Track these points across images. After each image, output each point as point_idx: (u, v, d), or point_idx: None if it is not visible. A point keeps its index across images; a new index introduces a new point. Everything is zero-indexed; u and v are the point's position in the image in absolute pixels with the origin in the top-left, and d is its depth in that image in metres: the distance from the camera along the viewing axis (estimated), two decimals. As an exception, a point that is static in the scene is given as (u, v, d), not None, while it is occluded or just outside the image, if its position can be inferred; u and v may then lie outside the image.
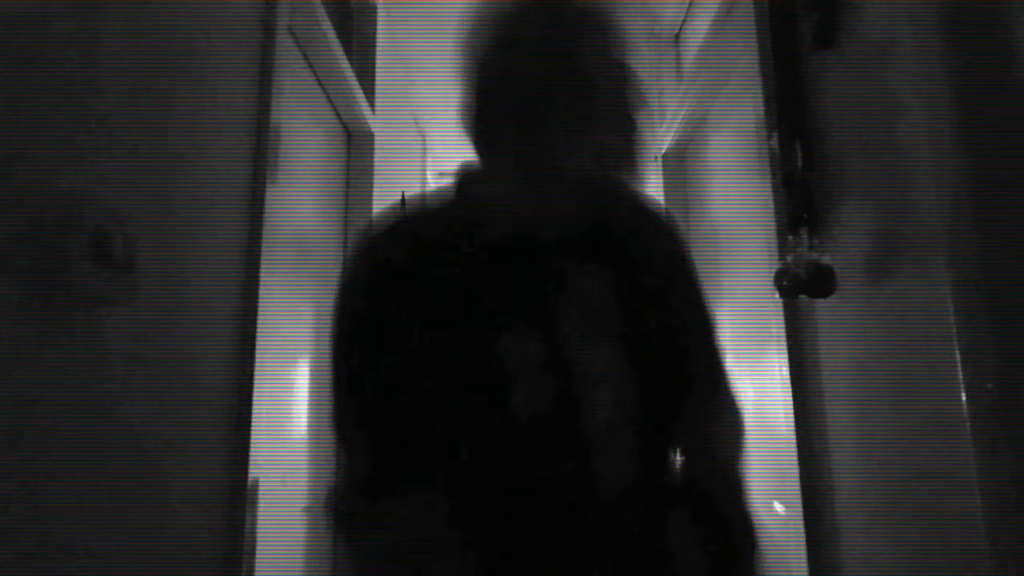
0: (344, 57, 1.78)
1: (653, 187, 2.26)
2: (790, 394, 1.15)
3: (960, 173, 0.73)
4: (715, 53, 1.69)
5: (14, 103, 0.61)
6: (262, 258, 1.15)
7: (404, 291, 0.66)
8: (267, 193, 1.18)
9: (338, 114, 1.93)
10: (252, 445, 1.09)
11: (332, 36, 1.66)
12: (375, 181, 2.06)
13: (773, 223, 1.22)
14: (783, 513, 1.25)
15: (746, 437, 0.79)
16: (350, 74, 1.84)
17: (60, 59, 0.67)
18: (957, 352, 0.72)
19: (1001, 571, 0.66)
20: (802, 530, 1.10)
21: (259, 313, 1.12)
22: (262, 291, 1.14)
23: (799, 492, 1.12)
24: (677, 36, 2.42)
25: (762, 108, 1.26)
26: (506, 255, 0.67)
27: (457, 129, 0.71)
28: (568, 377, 0.66)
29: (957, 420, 0.71)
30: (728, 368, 0.81)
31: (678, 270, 0.79)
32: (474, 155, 0.73)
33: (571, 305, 0.68)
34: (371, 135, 2.07)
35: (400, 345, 0.66)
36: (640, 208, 0.80)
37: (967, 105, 0.74)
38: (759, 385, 1.42)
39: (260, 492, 1.11)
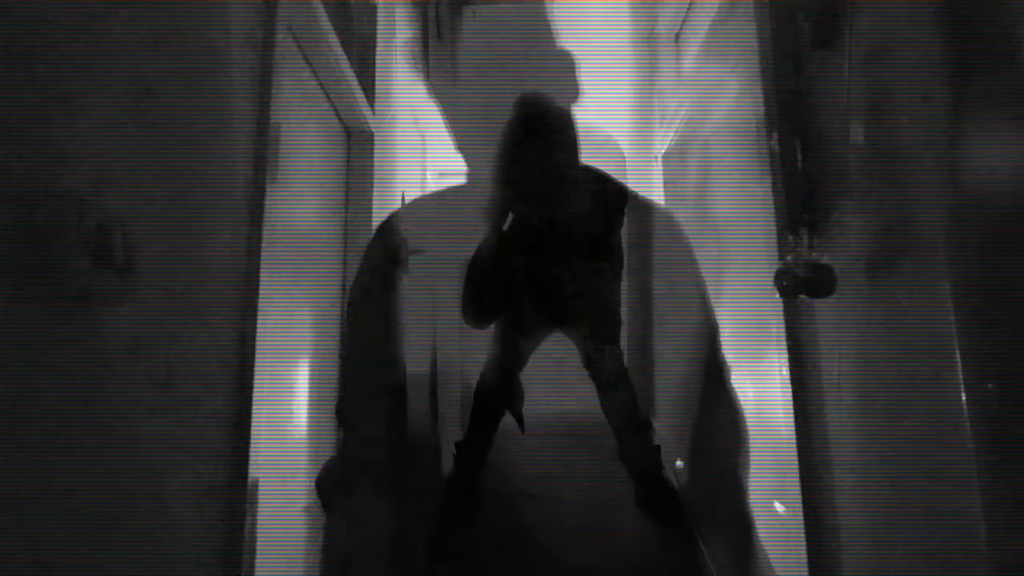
0: (344, 57, 1.78)
1: (653, 187, 2.26)
2: (790, 394, 1.15)
3: (960, 173, 0.73)
4: (715, 53, 1.69)
5: (14, 103, 0.61)
6: (262, 258, 1.14)
7: (400, 281, 0.67)
8: (267, 193, 1.17)
9: (338, 114, 1.93)
10: (252, 445, 1.08)
11: (332, 36, 1.66)
12: (375, 181, 2.05)
13: (773, 223, 1.22)
14: (783, 513, 1.25)
15: (747, 435, 0.79)
16: (350, 74, 1.84)
17: (60, 59, 0.67)
18: (957, 352, 0.72)
19: (1001, 571, 0.66)
20: (802, 530, 1.10)
21: (259, 313, 1.12)
22: (262, 291, 1.14)
23: (799, 492, 1.12)
24: (677, 36, 2.42)
25: (762, 108, 1.26)
26: (508, 242, 0.68)
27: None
28: (569, 370, 0.66)
29: (957, 420, 0.71)
30: (730, 367, 0.81)
31: (681, 263, 0.80)
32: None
33: (571, 297, 0.68)
34: (371, 135, 2.06)
35: (394, 332, 0.66)
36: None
37: (967, 105, 0.74)
38: (759, 385, 1.42)
39: (260, 492, 1.11)
